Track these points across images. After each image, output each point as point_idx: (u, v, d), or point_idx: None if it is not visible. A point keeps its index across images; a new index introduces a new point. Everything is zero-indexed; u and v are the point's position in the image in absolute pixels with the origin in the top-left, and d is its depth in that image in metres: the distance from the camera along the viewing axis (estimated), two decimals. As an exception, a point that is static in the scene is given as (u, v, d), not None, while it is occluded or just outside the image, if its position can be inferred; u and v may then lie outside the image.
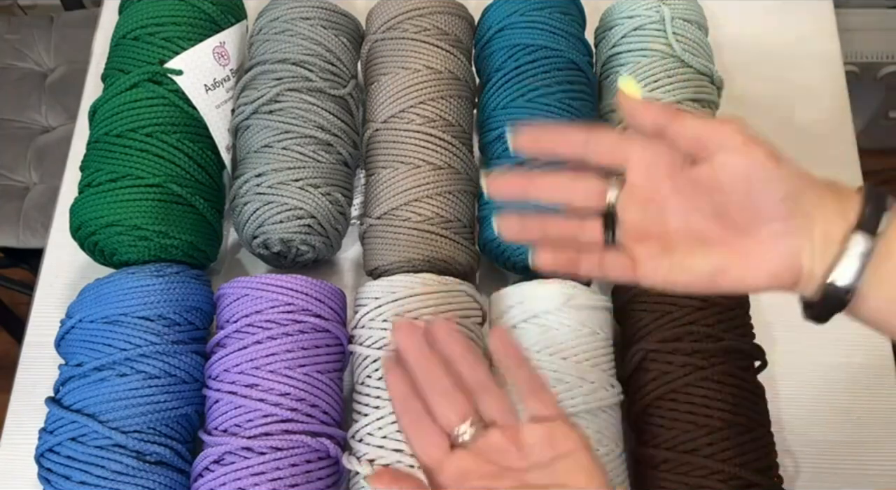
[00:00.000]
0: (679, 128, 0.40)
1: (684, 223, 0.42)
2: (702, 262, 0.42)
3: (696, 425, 0.57)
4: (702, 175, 0.41)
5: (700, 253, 0.42)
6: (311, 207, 0.64)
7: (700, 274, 0.42)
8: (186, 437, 0.60)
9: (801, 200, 0.40)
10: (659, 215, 0.42)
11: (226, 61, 0.71)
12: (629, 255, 0.43)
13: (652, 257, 0.42)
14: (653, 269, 0.42)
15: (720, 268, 0.41)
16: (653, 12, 0.70)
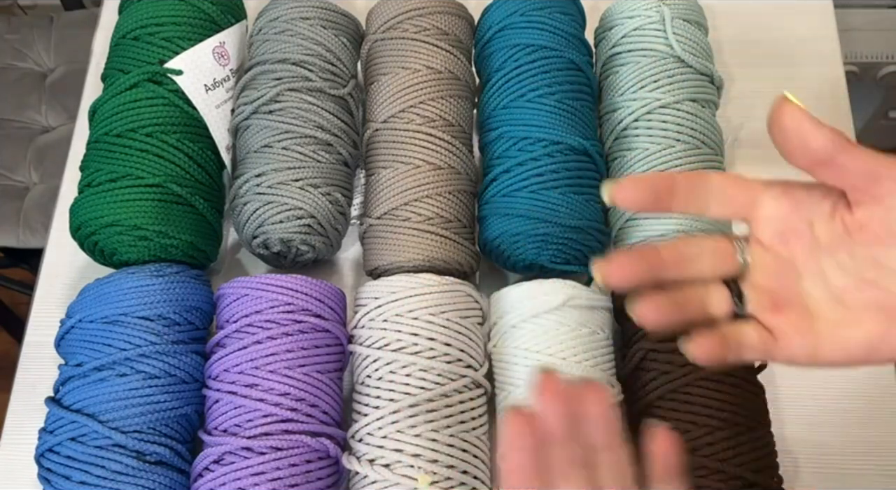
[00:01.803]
0: (849, 159, 0.34)
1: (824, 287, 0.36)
2: (856, 334, 0.35)
3: (696, 425, 0.57)
4: (867, 220, 0.34)
5: (851, 323, 0.35)
6: (311, 207, 0.64)
7: (855, 347, 0.35)
8: (186, 437, 0.60)
9: None
10: (795, 278, 0.36)
11: (226, 61, 0.71)
12: (767, 328, 0.37)
13: (793, 330, 0.36)
14: (798, 345, 0.36)
15: (878, 338, 0.35)
16: (653, 12, 0.70)
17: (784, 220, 0.36)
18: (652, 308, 0.36)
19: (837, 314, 0.35)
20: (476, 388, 0.60)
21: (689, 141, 0.66)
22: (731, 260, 0.37)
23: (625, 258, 0.37)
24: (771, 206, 0.36)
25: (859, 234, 0.34)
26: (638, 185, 0.36)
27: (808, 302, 0.36)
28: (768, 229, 0.36)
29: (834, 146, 0.34)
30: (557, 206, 0.63)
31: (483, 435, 0.60)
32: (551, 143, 0.65)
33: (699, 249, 0.37)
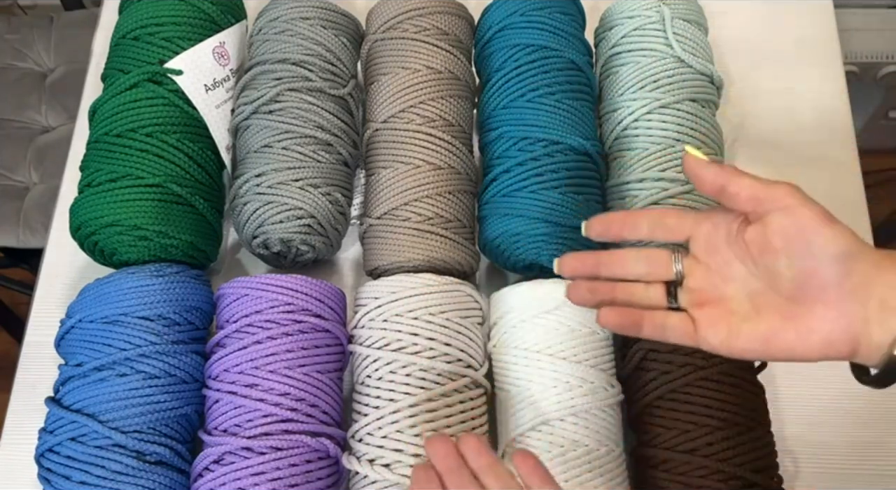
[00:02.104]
0: (736, 187, 0.42)
1: (742, 290, 0.44)
2: (755, 329, 0.43)
3: (696, 425, 0.57)
4: (755, 236, 0.42)
5: (755, 318, 0.43)
6: (311, 207, 0.64)
7: (753, 340, 0.43)
8: (186, 437, 0.60)
9: (854, 264, 0.39)
10: (719, 283, 0.45)
11: (226, 61, 0.71)
12: (691, 319, 0.46)
13: (711, 323, 0.44)
14: (713, 333, 0.44)
15: (771, 334, 0.42)
16: (653, 12, 0.70)
17: (708, 239, 0.45)
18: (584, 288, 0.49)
19: (747, 312, 0.44)
20: (476, 388, 0.60)
21: (689, 141, 0.66)
22: (667, 268, 0.47)
23: (577, 255, 0.49)
24: (698, 229, 0.46)
25: (751, 248, 0.43)
26: (602, 222, 0.48)
27: (730, 302, 0.44)
28: (698, 246, 0.46)
29: (719, 178, 0.43)
30: (557, 206, 0.63)
31: (483, 435, 0.60)
32: (551, 143, 0.65)
33: (638, 257, 0.47)
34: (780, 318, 0.42)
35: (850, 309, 0.39)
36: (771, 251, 0.42)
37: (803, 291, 0.41)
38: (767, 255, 0.42)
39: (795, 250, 0.41)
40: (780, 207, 0.41)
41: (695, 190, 0.64)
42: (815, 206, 0.41)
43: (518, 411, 0.59)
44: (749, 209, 0.43)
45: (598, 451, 0.57)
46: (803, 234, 0.40)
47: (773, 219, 0.41)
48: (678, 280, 0.46)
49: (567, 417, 0.57)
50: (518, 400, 0.59)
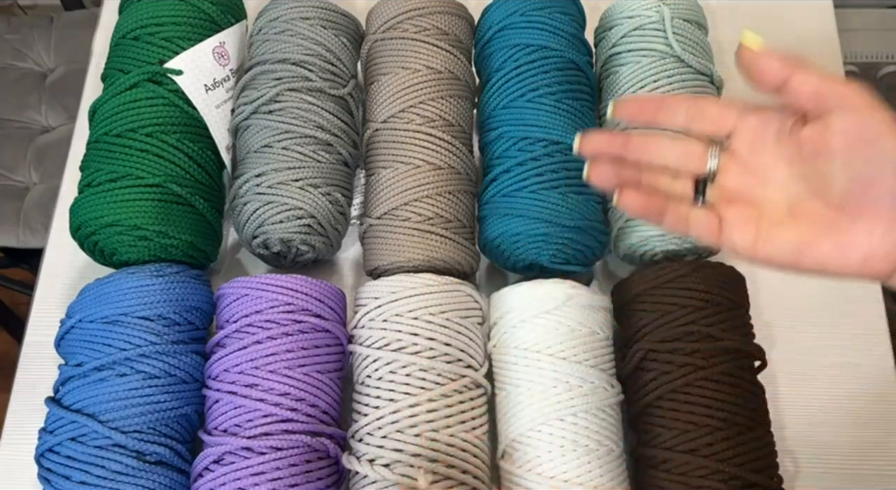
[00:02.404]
0: (801, 81, 0.38)
1: (780, 193, 0.40)
2: (788, 235, 0.40)
3: (696, 425, 0.57)
4: (812, 136, 0.39)
5: (790, 224, 0.40)
6: (311, 207, 0.64)
7: (785, 247, 0.40)
8: (186, 437, 0.60)
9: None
10: (757, 183, 0.41)
11: (226, 61, 0.71)
12: (717, 217, 0.42)
13: (740, 223, 0.41)
14: (739, 234, 0.41)
15: (805, 243, 0.39)
16: (653, 12, 0.70)
17: (754, 134, 0.41)
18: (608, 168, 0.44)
19: (782, 217, 0.40)
20: (476, 388, 0.60)
21: (689, 141, 0.66)
22: (700, 161, 0.43)
23: (604, 132, 0.44)
24: (744, 123, 0.41)
25: (805, 148, 0.39)
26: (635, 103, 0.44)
27: (764, 204, 0.41)
28: (741, 141, 0.42)
29: (784, 70, 0.39)
30: (557, 206, 0.63)
31: (483, 435, 0.60)
32: (551, 143, 0.65)
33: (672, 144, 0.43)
34: (819, 227, 0.39)
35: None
36: (827, 153, 0.38)
37: (853, 200, 0.37)
38: (822, 156, 0.38)
39: (856, 154, 0.37)
40: (847, 107, 0.37)
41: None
42: (886, 111, 0.37)
43: (518, 411, 0.59)
44: (810, 107, 0.38)
45: (598, 451, 0.57)
46: (868, 137, 0.36)
47: (837, 118, 0.37)
48: (709, 176, 0.42)
49: (567, 417, 0.57)
50: (518, 400, 0.59)
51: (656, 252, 0.67)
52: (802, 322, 0.70)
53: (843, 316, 0.70)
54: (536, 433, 0.58)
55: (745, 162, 0.41)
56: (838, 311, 0.70)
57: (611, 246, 0.68)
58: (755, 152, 0.41)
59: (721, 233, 0.42)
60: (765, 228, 0.40)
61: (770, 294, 0.71)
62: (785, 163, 0.40)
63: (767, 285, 0.71)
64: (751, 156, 0.41)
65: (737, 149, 0.42)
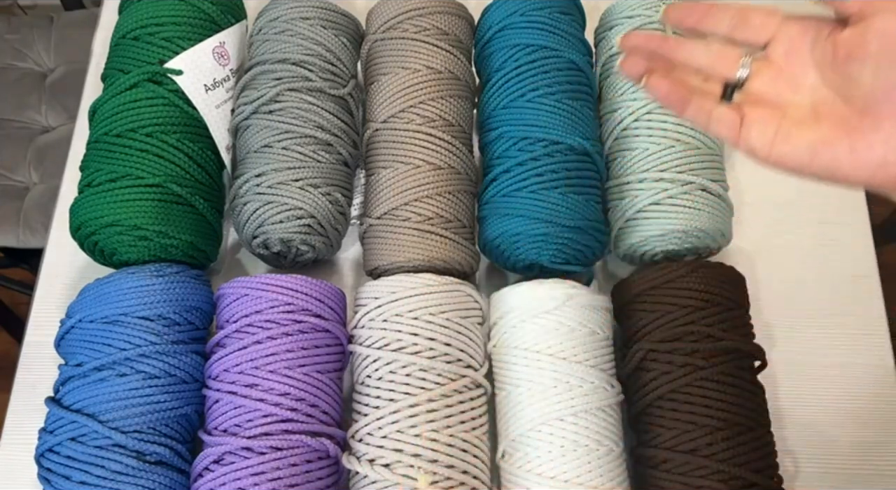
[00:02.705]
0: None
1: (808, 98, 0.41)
2: (807, 134, 0.40)
3: (696, 425, 0.57)
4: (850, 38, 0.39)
5: (811, 124, 0.40)
6: (311, 207, 0.64)
7: (801, 145, 0.40)
8: (186, 437, 0.60)
9: None
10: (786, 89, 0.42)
11: (226, 61, 0.71)
12: (740, 115, 0.42)
13: (761, 120, 0.42)
14: (758, 132, 0.41)
15: (823, 143, 0.39)
16: (653, 12, 0.70)
17: (791, 41, 0.42)
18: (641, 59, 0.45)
19: (804, 118, 0.41)
20: (476, 388, 0.60)
21: (688, 141, 0.66)
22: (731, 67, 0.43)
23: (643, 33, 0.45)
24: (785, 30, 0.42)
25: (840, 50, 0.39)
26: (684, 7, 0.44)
27: (789, 107, 0.41)
28: (778, 48, 0.42)
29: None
30: (557, 206, 0.63)
31: (483, 435, 0.60)
32: (551, 143, 0.65)
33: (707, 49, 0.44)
34: (840, 129, 0.39)
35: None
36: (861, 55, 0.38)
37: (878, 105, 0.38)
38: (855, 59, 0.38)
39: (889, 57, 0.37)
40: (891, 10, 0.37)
41: (695, 190, 0.64)
42: None
43: (518, 411, 0.59)
44: (855, 10, 0.39)
45: (598, 451, 0.57)
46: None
47: (878, 20, 0.37)
48: (739, 83, 0.43)
49: (567, 417, 0.57)
50: (518, 400, 0.59)
51: (656, 252, 0.67)
52: (802, 322, 0.70)
53: (843, 316, 0.70)
54: (536, 433, 0.58)
55: (779, 68, 0.42)
56: (838, 311, 0.70)
57: (611, 246, 0.68)
58: (790, 59, 0.42)
59: (741, 130, 0.42)
60: (786, 127, 0.41)
61: (770, 294, 0.71)
62: (816, 69, 0.41)
63: (767, 285, 0.71)
64: (785, 62, 0.42)
65: (772, 55, 0.42)
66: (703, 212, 0.64)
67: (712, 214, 0.65)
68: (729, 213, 0.67)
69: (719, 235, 0.66)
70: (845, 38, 0.39)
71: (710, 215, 0.65)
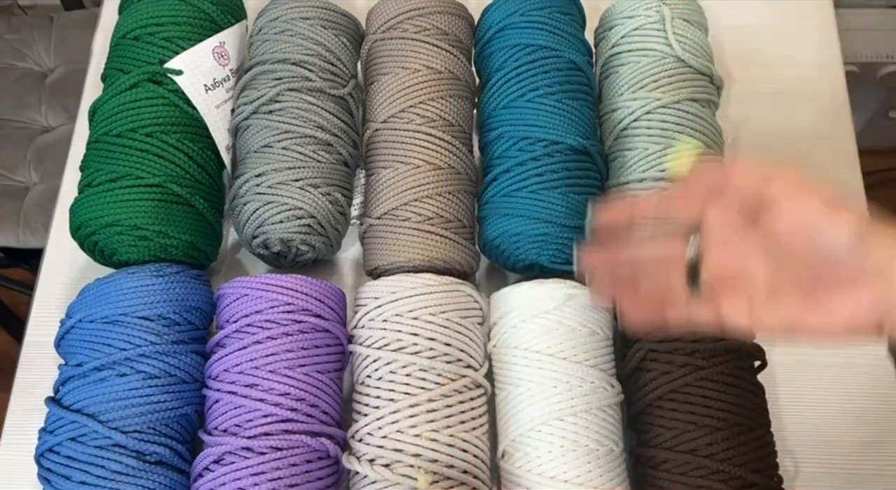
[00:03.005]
0: (736, 184, 0.41)
1: (760, 273, 0.42)
2: (776, 313, 0.42)
3: (696, 425, 0.57)
4: (764, 228, 0.41)
5: (777, 303, 0.42)
6: (311, 207, 0.64)
7: (778, 322, 0.42)
8: (186, 437, 0.60)
9: (869, 249, 0.38)
10: (738, 263, 0.43)
11: (226, 61, 0.71)
12: (714, 304, 0.44)
13: (733, 307, 0.43)
14: (737, 317, 0.43)
15: (793, 318, 0.41)
16: (653, 12, 0.70)
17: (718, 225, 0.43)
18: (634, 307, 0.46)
19: (768, 295, 0.42)
20: (476, 388, 0.60)
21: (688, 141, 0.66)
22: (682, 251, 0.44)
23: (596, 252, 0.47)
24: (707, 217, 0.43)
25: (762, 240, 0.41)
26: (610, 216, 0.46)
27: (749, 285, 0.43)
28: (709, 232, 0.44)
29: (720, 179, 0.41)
30: (557, 206, 0.63)
31: (483, 435, 0.60)
32: (551, 143, 0.65)
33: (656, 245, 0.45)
34: (801, 303, 0.40)
35: (870, 290, 0.38)
36: (780, 244, 0.40)
37: (819, 279, 0.40)
38: (777, 247, 0.41)
39: (804, 244, 0.39)
40: (785, 199, 0.39)
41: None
42: (819, 194, 0.39)
43: (518, 411, 0.59)
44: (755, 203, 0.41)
45: (598, 451, 0.57)
46: (809, 228, 0.39)
47: (778, 213, 0.40)
48: (695, 263, 0.44)
49: (567, 417, 0.57)
50: (518, 400, 0.59)
51: (656, 252, 0.67)
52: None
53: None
54: (536, 433, 0.58)
55: (721, 247, 0.43)
56: (838, 311, 0.70)
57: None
58: (726, 238, 0.43)
59: (723, 321, 0.43)
60: (756, 308, 0.42)
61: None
62: (754, 247, 0.42)
63: (767, 285, 0.71)
64: (723, 241, 0.43)
65: (710, 235, 0.44)
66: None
67: (712, 214, 0.65)
68: (729, 213, 0.67)
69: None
70: (759, 228, 0.41)
71: (710, 215, 0.64)
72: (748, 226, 0.42)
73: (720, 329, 0.44)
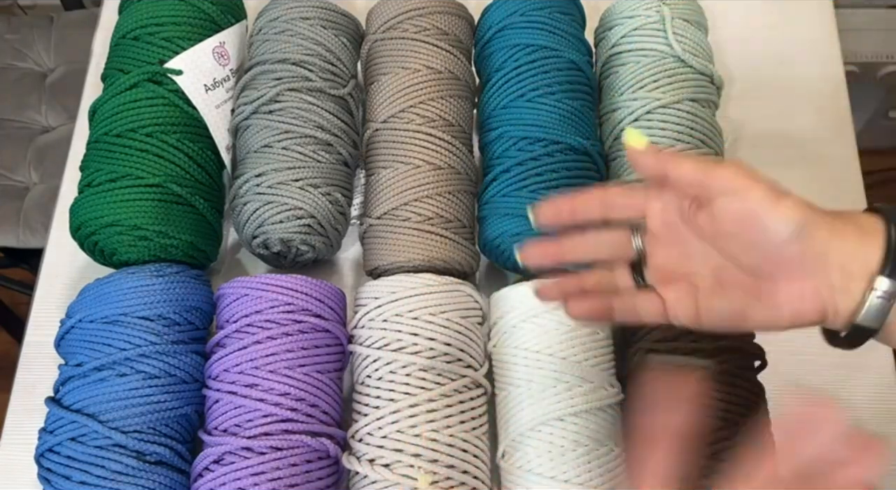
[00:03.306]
0: (678, 174, 0.41)
1: (704, 266, 0.43)
2: (724, 304, 0.42)
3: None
4: (706, 221, 0.41)
5: (722, 295, 0.42)
6: (311, 207, 0.64)
7: (724, 316, 0.42)
8: (186, 437, 0.60)
9: (810, 236, 0.39)
10: (682, 258, 0.43)
11: (226, 61, 0.71)
12: (660, 297, 0.44)
13: (679, 299, 0.43)
14: (682, 310, 0.43)
15: (739, 310, 0.41)
16: (653, 12, 0.70)
17: (662, 217, 0.44)
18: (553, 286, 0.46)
19: (712, 287, 0.42)
20: (476, 388, 0.60)
21: (689, 141, 0.66)
22: (627, 247, 0.45)
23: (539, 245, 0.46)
24: (650, 207, 0.44)
25: (705, 232, 0.42)
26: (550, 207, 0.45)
27: (694, 277, 0.43)
28: (654, 224, 0.44)
29: (664, 166, 0.41)
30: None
31: (483, 435, 0.60)
32: (551, 143, 0.65)
33: (598, 240, 0.46)
34: (747, 295, 0.41)
35: (813, 281, 0.39)
36: (723, 236, 0.41)
37: (763, 270, 0.40)
38: (720, 239, 0.41)
39: (748, 234, 0.39)
40: (727, 191, 0.39)
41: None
42: (762, 183, 0.39)
43: (518, 411, 0.59)
44: (697, 193, 0.41)
45: (598, 451, 0.57)
46: (753, 217, 0.39)
47: (722, 203, 0.40)
48: (639, 259, 0.45)
49: (567, 417, 0.57)
50: (518, 400, 0.59)
51: (656, 252, 0.67)
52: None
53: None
54: (536, 433, 0.58)
55: (666, 240, 0.44)
56: (838, 311, 0.70)
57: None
58: (668, 232, 0.44)
59: (667, 312, 0.44)
60: (702, 301, 0.43)
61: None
62: (696, 239, 0.43)
63: (767, 285, 0.71)
64: (668, 234, 0.44)
65: (654, 229, 0.44)
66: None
67: (712, 214, 0.65)
68: (729, 213, 0.67)
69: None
70: (703, 221, 0.41)
71: (710, 215, 0.65)
72: (691, 217, 0.42)
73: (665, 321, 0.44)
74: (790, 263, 0.39)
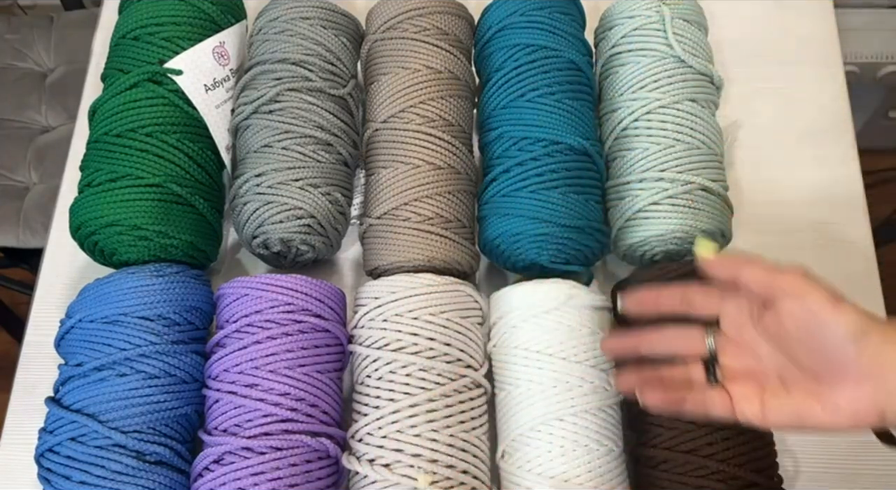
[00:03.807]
0: (748, 279, 0.44)
1: (770, 366, 0.46)
2: (785, 405, 0.45)
3: (696, 425, 0.57)
4: (771, 322, 0.44)
5: (783, 396, 0.45)
6: (311, 207, 0.64)
7: (785, 416, 0.45)
8: (186, 437, 0.60)
9: (866, 342, 0.41)
10: (750, 359, 0.47)
11: (226, 61, 0.71)
12: (728, 394, 0.47)
13: (745, 398, 0.46)
14: (748, 408, 0.46)
15: (801, 410, 0.44)
16: (653, 12, 0.70)
17: (734, 318, 0.47)
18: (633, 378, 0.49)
19: (777, 388, 0.45)
20: (476, 388, 0.60)
21: (688, 141, 0.66)
22: (701, 345, 0.49)
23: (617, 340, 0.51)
24: (724, 309, 0.48)
25: (770, 333, 0.45)
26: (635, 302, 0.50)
27: (760, 377, 0.46)
28: (726, 324, 0.48)
29: (734, 270, 0.45)
30: (557, 206, 0.63)
31: (483, 435, 0.60)
32: (551, 143, 0.65)
33: (676, 335, 0.49)
34: (808, 395, 0.44)
35: (870, 385, 0.41)
36: (786, 337, 0.44)
37: (823, 372, 0.43)
38: (784, 340, 0.44)
39: (808, 336, 0.42)
40: (791, 294, 0.43)
41: (695, 190, 0.64)
42: (822, 289, 0.42)
43: (518, 411, 0.59)
44: (763, 296, 0.44)
45: (598, 451, 0.57)
46: (813, 320, 0.42)
47: (784, 306, 0.43)
48: (712, 356, 0.48)
49: (567, 417, 0.57)
50: (518, 400, 0.59)
51: (656, 252, 0.67)
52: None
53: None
54: (536, 433, 0.58)
55: (736, 341, 0.47)
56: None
57: (611, 246, 0.68)
58: (740, 333, 0.47)
59: (734, 409, 0.46)
60: (767, 400, 0.45)
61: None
62: (766, 341, 0.46)
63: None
64: (738, 336, 0.47)
65: (726, 330, 0.48)
66: (703, 212, 0.64)
67: (712, 214, 0.65)
68: (729, 213, 0.67)
69: (719, 235, 0.66)
70: (769, 323, 0.45)
71: (710, 215, 0.65)
72: (758, 319, 0.46)
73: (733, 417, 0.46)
74: (847, 366, 0.41)
